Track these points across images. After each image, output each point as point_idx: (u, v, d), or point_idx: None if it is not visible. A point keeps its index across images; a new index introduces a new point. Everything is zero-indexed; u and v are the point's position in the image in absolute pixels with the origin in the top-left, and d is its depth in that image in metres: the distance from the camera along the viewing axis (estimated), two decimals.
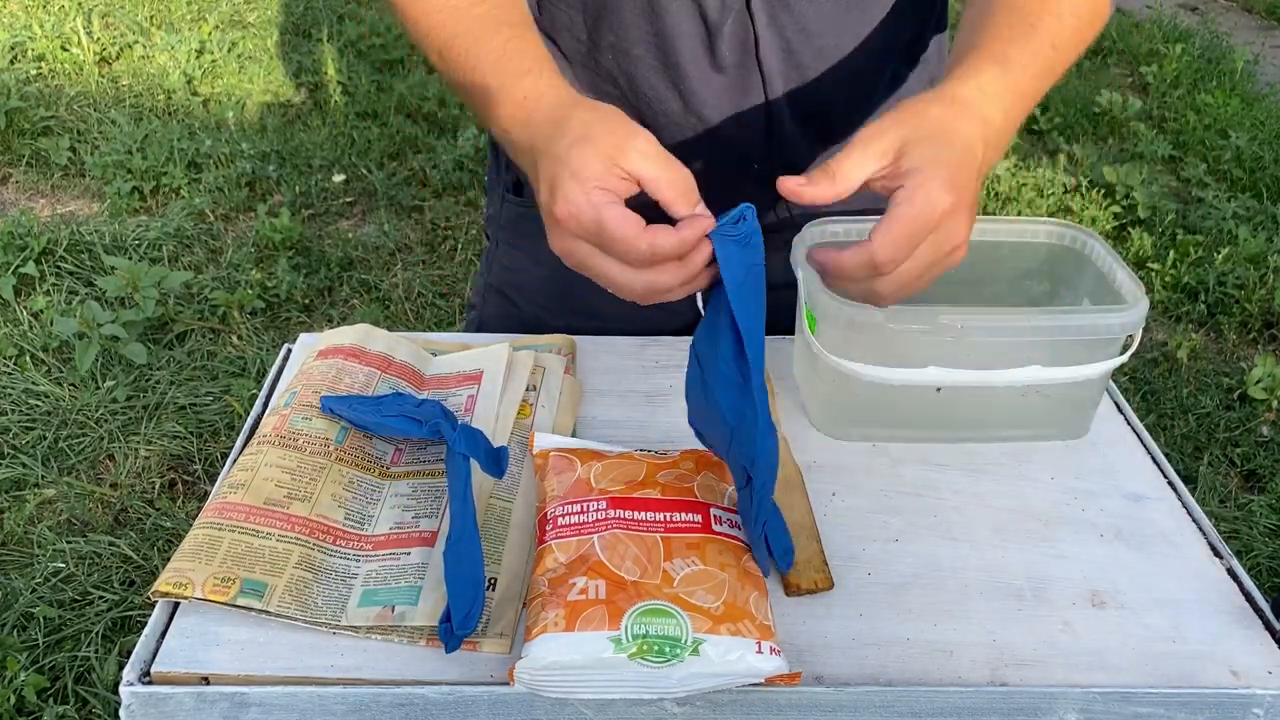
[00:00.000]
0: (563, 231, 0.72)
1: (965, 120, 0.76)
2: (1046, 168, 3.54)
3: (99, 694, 1.73)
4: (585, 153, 0.71)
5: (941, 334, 0.84)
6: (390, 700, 0.68)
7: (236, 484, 0.79)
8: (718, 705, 0.69)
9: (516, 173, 1.16)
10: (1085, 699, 0.71)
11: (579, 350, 1.03)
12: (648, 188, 0.72)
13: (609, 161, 0.71)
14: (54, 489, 2.11)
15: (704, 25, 0.95)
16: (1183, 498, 0.89)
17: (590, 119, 0.75)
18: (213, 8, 4.42)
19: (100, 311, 2.50)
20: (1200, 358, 2.73)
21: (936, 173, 0.71)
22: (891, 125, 0.73)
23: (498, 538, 0.78)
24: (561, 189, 0.71)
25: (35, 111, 3.51)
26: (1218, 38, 4.73)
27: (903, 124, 0.73)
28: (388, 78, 3.92)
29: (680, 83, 0.98)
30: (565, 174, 0.71)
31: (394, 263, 2.96)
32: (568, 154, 0.72)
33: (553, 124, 0.76)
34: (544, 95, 0.79)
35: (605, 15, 0.96)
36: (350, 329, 0.95)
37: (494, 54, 0.82)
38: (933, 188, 0.71)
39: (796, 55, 0.97)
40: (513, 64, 0.81)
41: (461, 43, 0.83)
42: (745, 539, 0.75)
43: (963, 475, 0.90)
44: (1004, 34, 0.83)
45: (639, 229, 0.70)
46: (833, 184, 0.72)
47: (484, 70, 0.82)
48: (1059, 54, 0.85)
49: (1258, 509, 2.25)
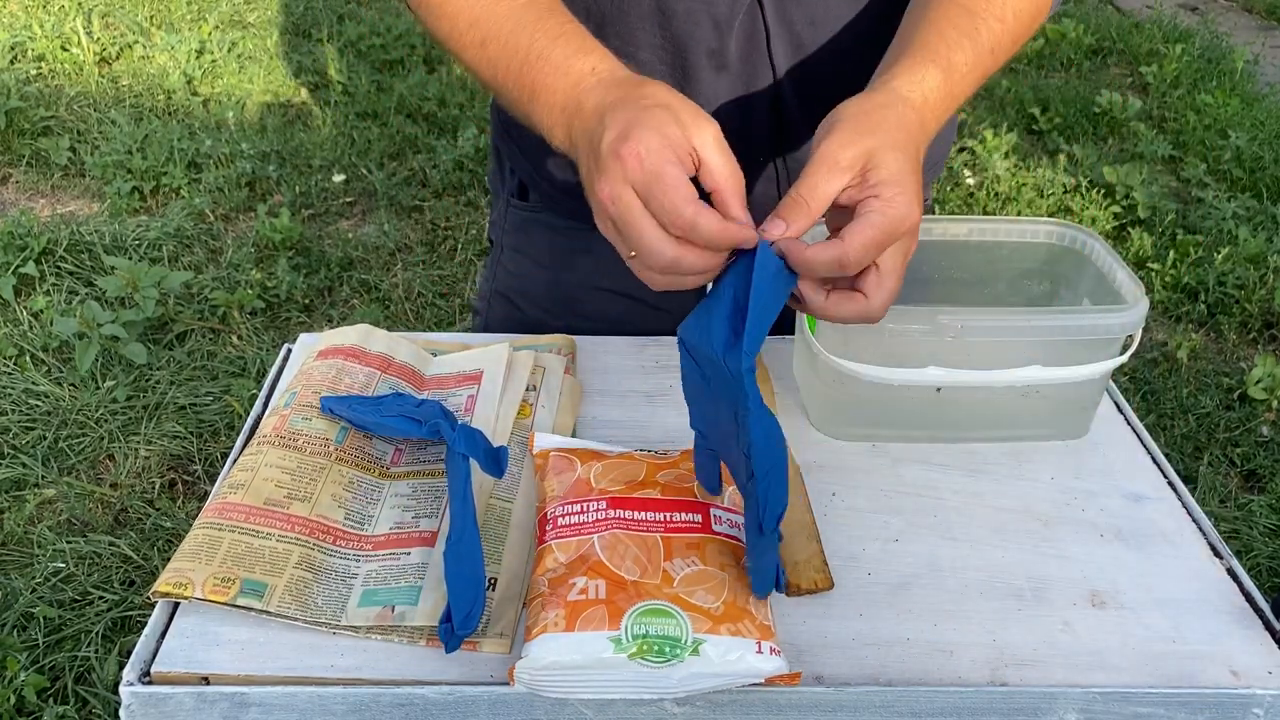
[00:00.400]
0: (619, 173, 0.71)
1: (915, 127, 0.77)
2: (1046, 168, 3.54)
3: (99, 694, 1.73)
4: (665, 117, 0.71)
5: (941, 334, 0.84)
6: (390, 700, 0.68)
7: (236, 484, 0.79)
8: (718, 705, 0.69)
9: (521, 177, 1.16)
10: (1085, 699, 0.71)
11: (579, 350, 1.03)
12: (710, 174, 0.72)
13: (683, 134, 0.71)
14: (54, 489, 2.11)
15: (714, 24, 0.95)
16: (1183, 498, 0.89)
17: (672, 95, 0.75)
18: (213, 8, 4.42)
19: (100, 311, 2.50)
20: (1200, 358, 2.73)
21: (908, 185, 0.72)
22: (853, 136, 0.73)
23: (498, 538, 0.78)
24: (639, 132, 0.70)
25: (35, 111, 3.51)
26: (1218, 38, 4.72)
27: (864, 134, 0.73)
28: (388, 78, 3.92)
29: (688, 84, 0.98)
30: (646, 123, 0.71)
31: (394, 263, 2.96)
32: (650, 111, 0.72)
33: (635, 85, 0.76)
34: (615, 69, 0.79)
35: (609, 22, 0.97)
36: (350, 329, 0.95)
37: (548, 37, 0.81)
38: (905, 201, 0.71)
39: (805, 48, 0.98)
40: (573, 45, 0.81)
41: (507, 31, 0.83)
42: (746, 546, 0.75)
43: (963, 475, 0.90)
44: (949, 34, 0.83)
45: (693, 196, 0.70)
46: (809, 211, 0.72)
47: (540, 51, 0.81)
48: (995, 59, 0.86)
49: (1258, 509, 2.25)
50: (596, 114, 0.75)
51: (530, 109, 0.82)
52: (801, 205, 0.72)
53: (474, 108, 3.71)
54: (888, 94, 0.78)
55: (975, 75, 0.84)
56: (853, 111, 0.76)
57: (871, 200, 0.71)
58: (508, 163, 1.17)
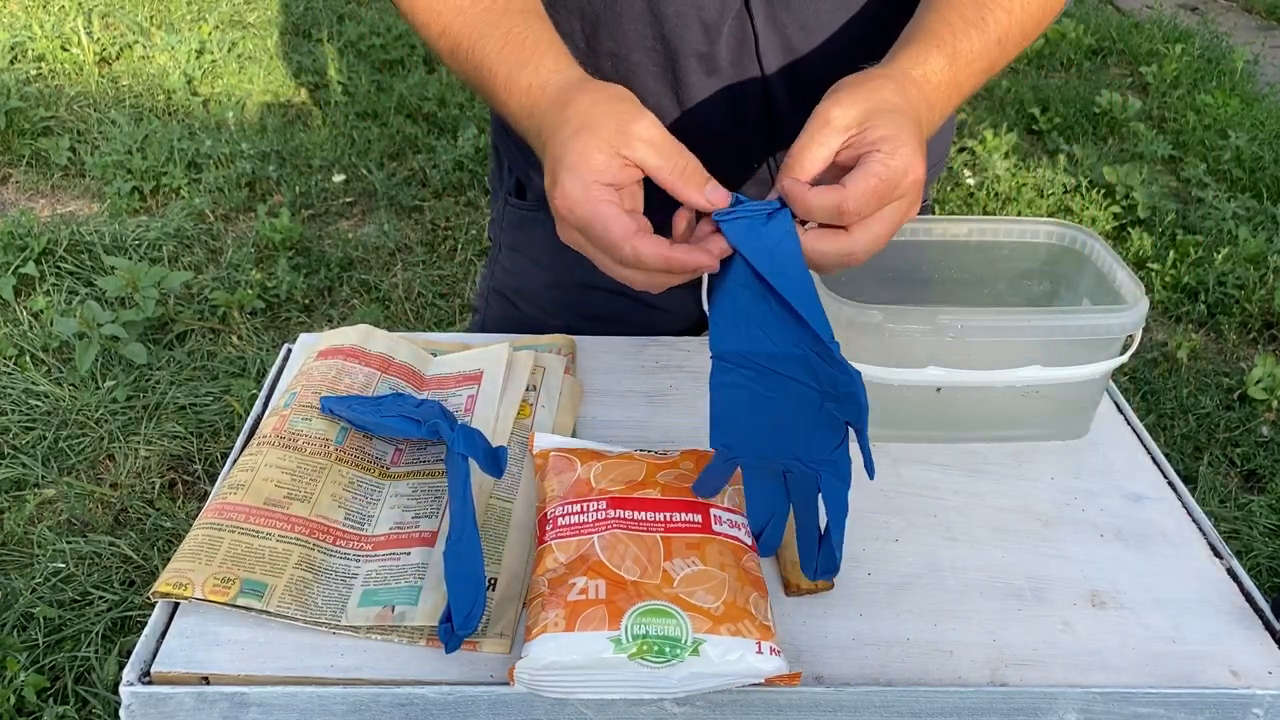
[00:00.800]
0: (561, 218, 0.72)
1: (917, 98, 0.77)
2: (1046, 168, 3.54)
3: (99, 694, 1.73)
4: (586, 143, 0.71)
5: (941, 334, 0.84)
6: (390, 700, 0.68)
7: (236, 484, 0.79)
8: (718, 705, 0.69)
9: (519, 176, 1.16)
10: (1085, 699, 0.71)
11: (579, 350, 1.03)
12: (653, 176, 0.72)
13: (611, 150, 0.71)
14: (54, 489, 2.11)
15: (704, 27, 0.95)
16: (1183, 498, 0.89)
17: (593, 104, 0.74)
18: (213, 8, 4.42)
19: (100, 311, 2.50)
20: (1200, 358, 2.73)
21: (909, 140, 0.71)
22: (849, 100, 0.73)
23: (498, 538, 0.78)
24: (561, 181, 0.71)
25: (35, 111, 3.51)
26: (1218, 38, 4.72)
27: (860, 100, 0.73)
28: (388, 78, 3.92)
29: (679, 87, 0.98)
30: (564, 166, 0.71)
31: (394, 263, 2.96)
32: (569, 145, 0.72)
33: (556, 111, 0.76)
34: (548, 82, 0.78)
35: (603, 23, 0.97)
36: (350, 329, 0.95)
37: (496, 47, 0.81)
38: (907, 153, 0.71)
39: (797, 52, 0.97)
40: (515, 54, 0.80)
41: (467, 42, 0.83)
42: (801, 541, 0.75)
43: (963, 475, 0.90)
44: (956, 23, 0.83)
45: (627, 233, 0.70)
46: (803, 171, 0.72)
47: (490, 65, 0.81)
48: (1003, 50, 0.86)
49: (1258, 509, 2.25)
50: (538, 144, 0.77)
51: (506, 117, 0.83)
52: (794, 166, 0.72)
53: (474, 108, 3.71)
54: (889, 69, 0.78)
55: (982, 64, 0.84)
56: (851, 80, 0.76)
57: (874, 153, 0.71)
58: (505, 161, 1.17)
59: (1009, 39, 0.86)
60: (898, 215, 0.73)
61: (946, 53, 0.81)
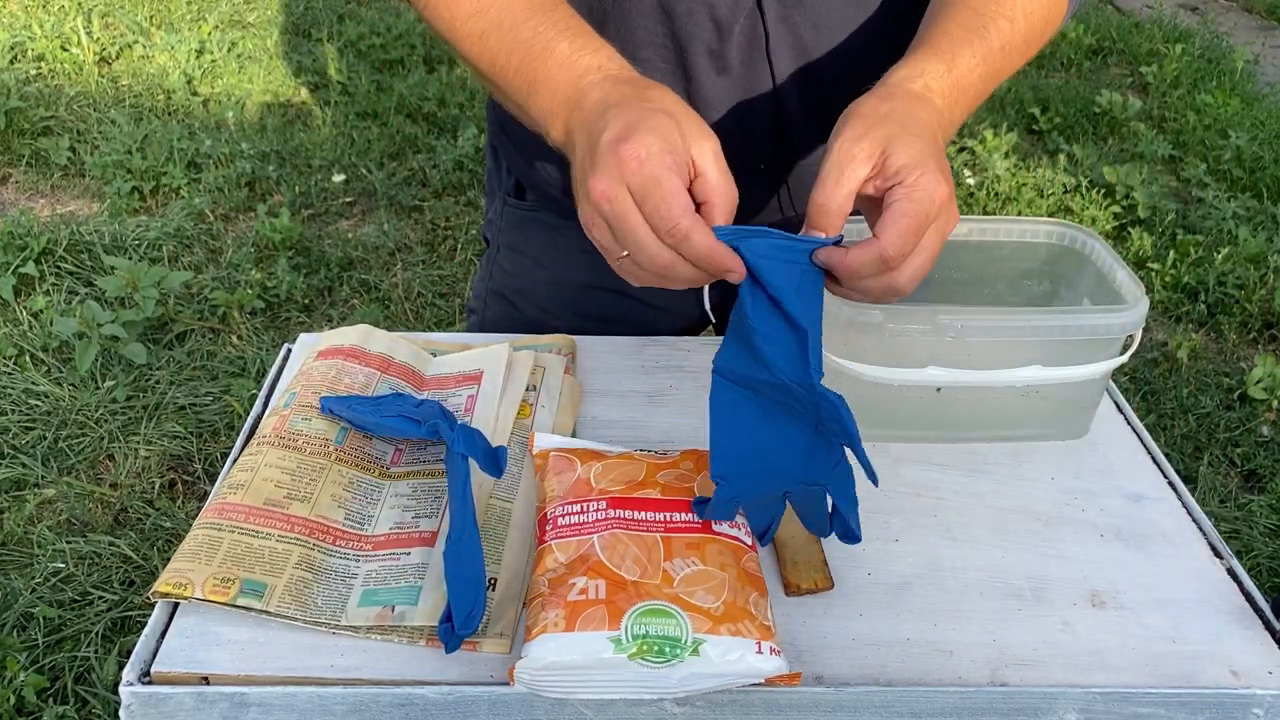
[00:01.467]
0: (616, 173, 0.70)
1: (924, 109, 0.77)
2: (1046, 168, 3.53)
3: (99, 694, 1.73)
4: (668, 123, 0.71)
5: (941, 334, 0.84)
6: (390, 700, 0.68)
7: (236, 484, 0.79)
8: (718, 705, 0.69)
9: (518, 176, 1.16)
10: (1085, 699, 0.71)
11: (579, 350, 1.03)
12: (705, 186, 0.72)
13: (684, 143, 0.71)
14: (54, 489, 2.11)
15: (715, 25, 0.95)
16: (1183, 498, 0.89)
17: (675, 101, 0.75)
18: (213, 8, 4.42)
19: (100, 311, 2.50)
20: (1200, 358, 2.73)
21: (927, 165, 0.71)
22: (864, 129, 0.73)
23: (498, 538, 0.78)
24: (640, 134, 0.70)
25: (35, 111, 3.51)
26: (1218, 38, 4.72)
27: (874, 125, 0.73)
28: (388, 78, 3.92)
29: (689, 85, 0.98)
30: (649, 125, 0.70)
31: (394, 263, 2.96)
32: (653, 114, 0.71)
33: (642, 87, 0.76)
34: (625, 67, 0.79)
35: (611, 18, 0.96)
36: (350, 329, 0.95)
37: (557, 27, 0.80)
38: (928, 180, 0.71)
39: (809, 52, 0.97)
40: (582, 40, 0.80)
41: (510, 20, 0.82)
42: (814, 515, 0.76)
43: (963, 475, 0.90)
44: (955, 33, 0.83)
45: (689, 207, 0.69)
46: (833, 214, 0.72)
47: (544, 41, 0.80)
48: (1006, 58, 0.86)
49: (1258, 509, 2.25)
50: (599, 109, 0.75)
51: (528, 101, 0.81)
52: (822, 212, 0.72)
53: (474, 108, 3.71)
54: (888, 88, 0.78)
55: (985, 69, 0.84)
56: (858, 110, 0.76)
57: (896, 189, 0.71)
58: (504, 161, 1.17)
59: (1012, 46, 0.86)
60: (937, 238, 0.73)
61: (944, 60, 0.81)
